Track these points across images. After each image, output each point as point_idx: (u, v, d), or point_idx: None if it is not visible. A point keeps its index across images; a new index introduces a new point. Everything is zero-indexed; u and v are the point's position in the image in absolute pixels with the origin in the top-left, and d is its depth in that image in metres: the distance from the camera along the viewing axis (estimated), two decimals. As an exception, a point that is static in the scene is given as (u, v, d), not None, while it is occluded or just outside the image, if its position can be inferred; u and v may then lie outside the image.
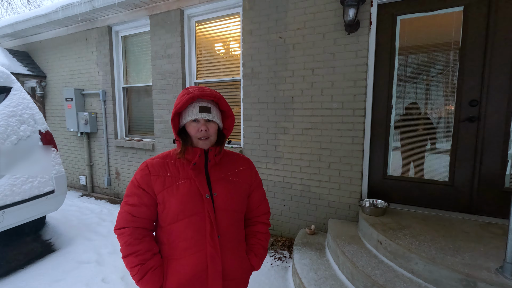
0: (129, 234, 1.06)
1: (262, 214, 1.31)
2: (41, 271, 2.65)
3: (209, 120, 1.10)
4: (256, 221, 1.30)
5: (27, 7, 14.61)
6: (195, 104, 1.08)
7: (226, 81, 3.66)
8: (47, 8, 4.58)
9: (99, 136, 4.90)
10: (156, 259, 1.09)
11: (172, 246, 1.09)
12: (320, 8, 2.86)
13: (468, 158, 2.54)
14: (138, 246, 1.06)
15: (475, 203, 2.54)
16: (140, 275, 1.05)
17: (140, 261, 1.05)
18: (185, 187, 1.08)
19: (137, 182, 1.11)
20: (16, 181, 2.63)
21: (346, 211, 2.92)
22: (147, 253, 1.07)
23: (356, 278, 2.06)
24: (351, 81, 2.78)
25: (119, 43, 4.61)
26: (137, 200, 1.09)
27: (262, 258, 1.27)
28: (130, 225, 1.08)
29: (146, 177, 1.10)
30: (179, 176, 1.11)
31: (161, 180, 1.09)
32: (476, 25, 2.42)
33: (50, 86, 5.51)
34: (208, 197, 1.09)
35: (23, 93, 2.94)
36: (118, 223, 1.10)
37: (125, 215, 1.09)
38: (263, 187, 1.34)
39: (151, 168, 1.11)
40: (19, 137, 2.71)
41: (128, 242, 1.06)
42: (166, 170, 1.11)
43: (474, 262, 1.82)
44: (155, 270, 1.07)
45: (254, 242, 1.26)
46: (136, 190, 1.10)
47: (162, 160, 1.14)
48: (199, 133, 1.09)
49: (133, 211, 1.09)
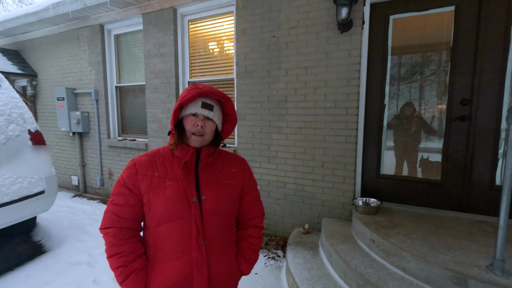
0: (113, 234, 1.04)
1: (255, 217, 1.26)
2: (31, 273, 2.61)
3: (208, 118, 1.07)
4: (249, 225, 1.25)
5: (18, 5, 14.39)
6: (200, 100, 1.06)
7: (219, 80, 3.64)
8: (38, 6, 4.51)
9: (92, 135, 4.84)
10: (140, 261, 1.06)
11: (157, 249, 1.06)
12: (313, 7, 2.86)
13: (459, 156, 2.56)
14: (122, 247, 1.03)
15: (466, 201, 2.57)
16: (123, 277, 1.02)
17: (123, 263, 1.02)
18: (172, 189, 1.04)
19: (124, 182, 1.07)
20: (5, 182, 2.57)
21: (340, 210, 2.93)
22: (130, 255, 1.04)
23: (349, 277, 2.06)
24: (344, 80, 2.79)
25: (111, 41, 4.55)
26: (123, 200, 1.06)
27: (252, 263, 1.22)
28: (115, 225, 1.05)
29: (132, 177, 1.06)
30: (166, 176, 1.07)
31: (147, 180, 1.06)
32: (467, 24, 2.44)
33: (41, 85, 5.42)
34: (195, 200, 1.05)
35: (12, 92, 2.89)
36: (103, 223, 1.07)
37: (110, 215, 1.06)
38: (257, 189, 1.30)
39: (138, 167, 1.08)
40: (7, 137, 2.66)
41: (112, 242, 1.04)
42: (154, 169, 1.08)
43: (465, 259, 1.84)
44: (139, 272, 1.04)
45: (245, 247, 1.21)
46: (122, 189, 1.07)
47: (150, 159, 1.10)
48: (194, 127, 1.05)
49: (118, 211, 1.06)
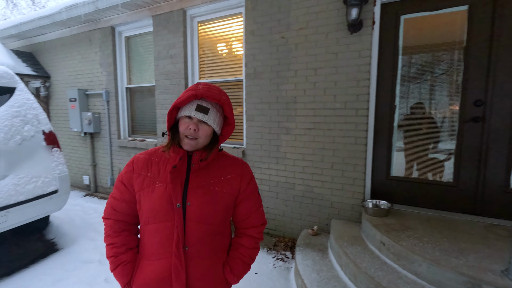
0: (110, 225, 1.12)
1: (251, 227, 1.18)
2: (44, 271, 2.67)
3: (203, 121, 1.03)
4: (243, 234, 1.19)
5: (32, 8, 14.74)
6: (195, 102, 1.03)
7: (228, 81, 3.66)
8: (51, 9, 4.61)
9: (102, 136, 4.92)
10: (129, 254, 1.11)
11: (144, 246, 1.10)
12: (322, 7, 2.84)
13: (472, 158, 2.51)
14: (115, 239, 1.10)
15: (480, 205, 2.51)
16: (113, 266, 1.09)
17: (114, 253, 1.09)
18: (159, 192, 1.04)
19: (121, 177, 1.12)
20: (20, 181, 2.64)
21: (349, 212, 2.90)
22: (122, 247, 1.10)
23: (359, 280, 2.04)
24: (354, 81, 2.76)
25: (122, 43, 4.63)
26: (119, 194, 1.12)
27: (240, 274, 1.15)
28: (112, 217, 1.12)
29: (129, 174, 1.11)
30: (157, 178, 1.07)
31: (141, 180, 1.08)
32: (481, 24, 2.40)
33: (54, 86, 5.55)
34: (178, 206, 1.02)
35: (27, 94, 2.96)
36: (104, 212, 1.15)
37: (108, 207, 1.14)
38: (258, 195, 1.22)
39: (135, 165, 1.11)
40: (23, 137, 2.73)
41: (108, 233, 1.12)
42: (148, 169, 1.09)
43: (478, 264, 1.80)
44: (126, 265, 1.09)
45: (234, 256, 1.15)
46: (119, 184, 1.12)
47: (148, 157, 1.12)
48: (187, 130, 1.02)
49: (115, 204, 1.12)
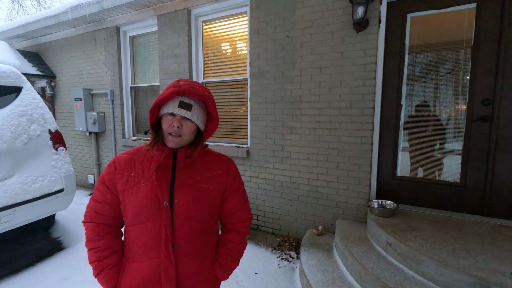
0: (91, 229, 1.07)
1: (238, 222, 1.19)
2: (50, 269, 2.68)
3: (186, 118, 1.02)
4: (230, 229, 1.20)
5: (37, 9, 14.86)
6: (178, 98, 1.01)
7: (233, 80, 3.66)
8: (57, 9, 4.64)
9: (107, 135, 4.95)
10: (114, 258, 1.07)
11: (130, 248, 1.06)
12: (328, 6, 2.83)
13: (480, 158, 2.48)
14: (98, 243, 1.06)
15: (488, 205, 2.48)
16: (96, 271, 1.05)
17: (98, 258, 1.05)
18: (144, 191, 1.02)
19: (103, 179, 1.09)
20: (27, 180, 2.66)
21: (354, 212, 2.89)
22: (105, 251, 1.06)
23: (365, 280, 2.03)
24: (360, 80, 2.74)
25: (126, 43, 4.64)
26: (101, 197, 1.08)
27: (229, 270, 1.16)
28: (93, 221, 1.08)
29: (111, 175, 1.07)
30: (142, 177, 1.05)
31: (124, 180, 1.05)
32: (490, 22, 2.36)
33: (59, 86, 5.59)
34: (166, 204, 1.01)
35: (33, 93, 2.98)
36: (84, 216, 1.10)
37: (89, 210, 1.09)
38: (244, 191, 1.24)
39: (117, 165, 1.08)
40: (29, 136, 2.75)
41: (89, 237, 1.07)
42: (131, 169, 1.07)
43: (487, 265, 1.78)
44: (111, 269, 1.05)
45: (223, 252, 1.16)
46: (100, 186, 1.09)
47: (130, 157, 1.09)
48: (170, 127, 1.01)
49: (96, 207, 1.08)
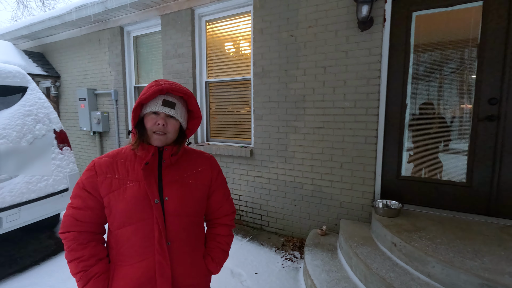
0: (72, 239, 1.00)
1: (223, 216, 1.23)
2: (55, 268, 2.70)
3: (170, 116, 1.03)
4: (217, 223, 1.23)
5: (42, 10, 14.98)
6: (161, 97, 1.02)
7: (236, 80, 3.65)
8: (61, 10, 4.68)
9: (111, 135, 4.97)
10: (101, 265, 1.02)
11: (120, 252, 1.02)
12: (332, 5, 2.81)
13: (487, 158, 2.45)
14: (82, 252, 1.00)
15: (494, 205, 2.45)
16: (83, 282, 0.98)
17: (83, 268, 0.99)
18: (133, 191, 1.01)
19: (82, 184, 1.04)
20: (32, 179, 2.68)
21: (359, 211, 2.87)
22: (91, 259, 1.00)
23: (370, 281, 2.01)
24: (364, 79, 2.73)
25: (130, 43, 4.66)
26: (81, 203, 1.02)
27: (221, 262, 1.20)
28: (74, 229, 1.01)
29: (92, 179, 1.03)
30: (127, 178, 1.03)
31: (107, 182, 1.02)
32: (496, 20, 2.33)
33: (64, 86, 5.63)
34: (157, 202, 1.01)
35: (38, 93, 3.00)
36: (62, 227, 1.03)
37: (69, 219, 1.02)
38: (227, 186, 1.27)
39: (98, 168, 1.04)
40: (34, 136, 2.77)
41: (71, 247, 1.00)
42: (114, 171, 1.04)
43: (494, 266, 1.75)
44: (99, 277, 1.00)
45: (213, 246, 1.19)
46: (80, 192, 1.03)
47: (111, 160, 1.06)
48: (155, 126, 1.01)
49: (77, 214, 1.02)
